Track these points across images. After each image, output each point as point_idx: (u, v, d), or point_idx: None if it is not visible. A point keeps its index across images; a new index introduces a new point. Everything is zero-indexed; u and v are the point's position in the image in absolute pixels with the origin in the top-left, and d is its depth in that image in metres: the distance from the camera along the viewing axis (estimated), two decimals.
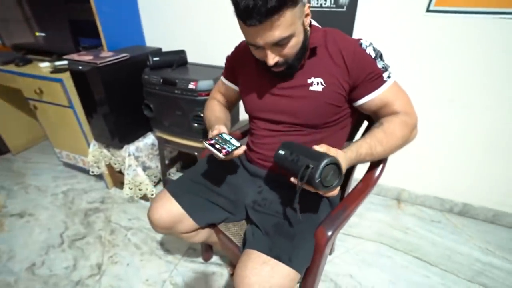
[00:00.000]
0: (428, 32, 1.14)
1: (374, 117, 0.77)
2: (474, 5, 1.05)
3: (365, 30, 1.23)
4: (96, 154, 1.51)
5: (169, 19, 1.58)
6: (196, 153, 1.36)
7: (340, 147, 0.85)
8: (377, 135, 0.69)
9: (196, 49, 1.48)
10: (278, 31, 0.59)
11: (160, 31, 1.64)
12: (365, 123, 0.93)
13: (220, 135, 0.76)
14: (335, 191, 0.60)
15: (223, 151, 0.69)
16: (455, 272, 1.21)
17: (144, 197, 1.55)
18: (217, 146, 0.71)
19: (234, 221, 0.88)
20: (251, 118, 0.88)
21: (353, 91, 0.72)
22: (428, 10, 1.11)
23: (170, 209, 0.80)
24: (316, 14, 1.27)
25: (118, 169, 1.53)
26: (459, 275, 1.20)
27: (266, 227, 0.69)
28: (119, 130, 1.34)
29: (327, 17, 1.25)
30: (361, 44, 0.70)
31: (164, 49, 1.50)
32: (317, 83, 0.71)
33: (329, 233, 0.66)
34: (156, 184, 1.64)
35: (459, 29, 1.10)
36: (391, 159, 0.79)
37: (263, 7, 0.54)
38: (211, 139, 0.73)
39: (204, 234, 0.91)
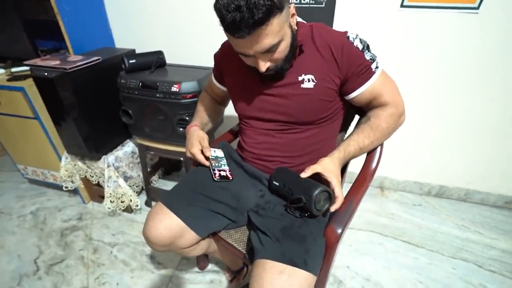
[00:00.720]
0: (403, 25, 1.20)
1: (365, 109, 0.80)
2: (440, 1, 1.13)
3: (344, 25, 1.26)
4: (69, 168, 1.38)
5: (141, 18, 1.49)
6: (181, 158, 1.29)
7: (333, 140, 0.86)
8: (364, 131, 0.73)
9: (174, 50, 1.41)
10: (267, 40, 0.59)
11: (131, 31, 1.53)
12: (357, 117, 0.95)
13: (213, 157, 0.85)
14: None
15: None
16: (440, 251, 1.29)
17: (127, 209, 1.45)
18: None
19: (236, 227, 0.85)
20: (242, 118, 0.85)
21: (344, 84, 0.73)
22: (402, 6, 1.16)
23: (169, 224, 0.74)
24: (296, 10, 1.26)
25: (95, 182, 1.42)
26: (443, 253, 1.28)
27: (274, 232, 0.67)
28: (95, 140, 1.23)
29: (307, 13, 1.26)
30: (348, 37, 0.70)
31: (138, 51, 1.41)
32: (308, 80, 0.71)
33: (339, 231, 0.65)
34: (138, 193, 1.55)
35: (429, 22, 1.17)
36: None
37: (250, 19, 0.53)
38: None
39: (204, 245, 0.87)
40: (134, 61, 1.17)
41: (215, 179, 0.81)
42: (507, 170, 1.43)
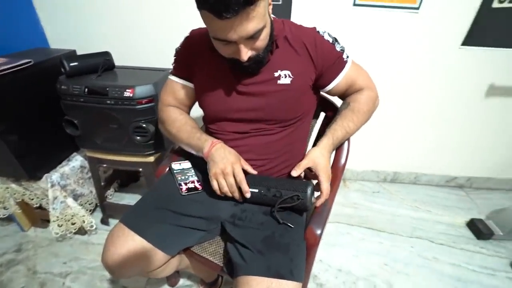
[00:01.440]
0: (356, 22, 1.26)
1: (341, 98, 0.82)
2: (387, 1, 1.21)
3: (301, 22, 1.27)
4: (0, 192, 1.16)
5: (81, 15, 1.32)
6: (140, 169, 1.18)
7: (305, 141, 0.86)
8: (347, 116, 0.75)
9: (122, 50, 1.27)
10: (253, 23, 0.54)
11: (69, 29, 1.35)
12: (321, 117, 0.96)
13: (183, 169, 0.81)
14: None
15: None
16: (399, 232, 1.41)
17: (80, 231, 1.28)
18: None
19: (209, 239, 0.79)
20: (214, 121, 0.79)
21: (319, 78, 0.74)
22: (354, 4, 1.22)
23: (133, 247, 0.65)
24: None
25: (37, 205, 1.22)
26: (402, 234, 1.40)
27: (255, 244, 0.64)
28: (33, 158, 1.05)
29: None
30: (318, 32, 0.72)
31: (79, 52, 1.24)
32: (285, 76, 0.70)
33: (319, 232, 0.65)
34: (92, 211, 1.38)
35: (379, 19, 1.25)
36: None
37: (236, 1, 0.48)
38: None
39: (174, 263, 0.80)
40: (76, 63, 1.03)
41: (183, 193, 0.75)
42: (446, 153, 1.62)
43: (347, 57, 0.75)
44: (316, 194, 0.72)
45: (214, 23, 0.54)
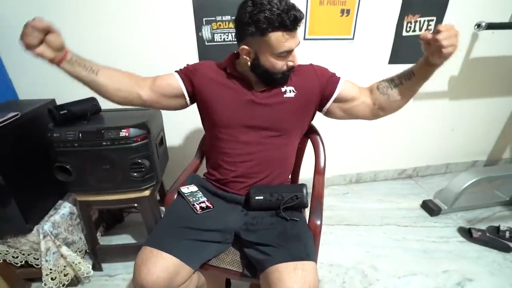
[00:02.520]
0: (307, 51, 1.53)
1: (356, 100, 0.92)
2: (328, 35, 1.51)
3: None
4: None
5: (50, 66, 1.35)
6: (135, 204, 1.22)
7: (293, 156, 1.02)
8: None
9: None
10: (298, 39, 0.80)
11: (42, 80, 1.37)
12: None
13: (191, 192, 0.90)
14: None
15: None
16: (372, 223, 1.63)
17: (72, 283, 1.22)
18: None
19: (223, 250, 0.88)
20: (226, 128, 0.89)
21: (324, 92, 0.91)
22: (304, 38, 1.49)
23: (165, 264, 0.72)
24: (220, 47, 1.43)
25: (20, 263, 1.15)
26: (375, 224, 1.62)
27: (272, 239, 0.76)
28: (23, 211, 1.03)
29: (231, 50, 1.43)
30: (312, 64, 0.95)
31: (58, 101, 1.27)
32: (290, 91, 0.88)
33: (318, 222, 0.81)
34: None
35: (324, 48, 1.55)
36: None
37: (302, 16, 0.74)
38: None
39: (195, 278, 0.86)
40: (65, 111, 1.07)
41: (198, 212, 0.85)
42: (394, 150, 1.95)
43: (339, 76, 0.93)
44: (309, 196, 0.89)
45: (284, 38, 0.74)
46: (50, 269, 1.11)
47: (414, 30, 1.56)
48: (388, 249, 1.45)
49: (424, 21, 1.55)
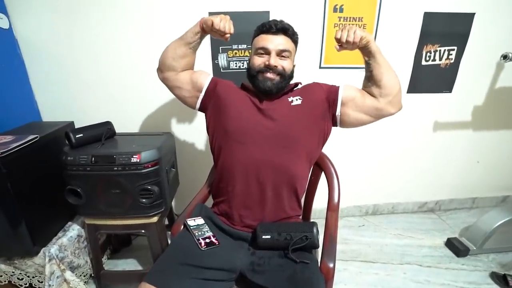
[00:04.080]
0: (322, 80, 1.49)
1: (360, 98, 0.94)
2: (344, 63, 1.50)
3: None
4: None
5: (74, 87, 1.42)
6: (143, 231, 1.20)
7: (301, 178, 0.97)
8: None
9: (119, 119, 1.36)
10: (284, 45, 0.91)
11: (62, 102, 1.43)
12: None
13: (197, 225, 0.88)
14: None
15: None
16: (390, 261, 1.51)
17: None
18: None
19: (230, 287, 0.83)
20: (232, 137, 0.90)
21: (330, 102, 0.94)
22: (320, 67, 1.49)
23: None
24: (235, 74, 1.45)
25: (25, 285, 1.14)
26: (393, 262, 1.50)
27: (280, 284, 0.71)
28: (32, 233, 1.03)
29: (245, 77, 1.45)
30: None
31: (76, 124, 1.31)
32: (296, 99, 0.94)
33: (331, 265, 0.74)
34: (85, 283, 1.30)
35: (339, 77, 1.52)
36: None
37: (280, 24, 0.91)
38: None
39: None
40: (81, 135, 1.10)
41: (202, 248, 0.81)
42: (415, 182, 1.84)
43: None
44: (321, 234, 0.83)
45: (262, 38, 0.92)
46: None
47: (434, 60, 1.52)
48: None
49: (445, 50, 1.52)
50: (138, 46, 1.37)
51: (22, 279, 1.13)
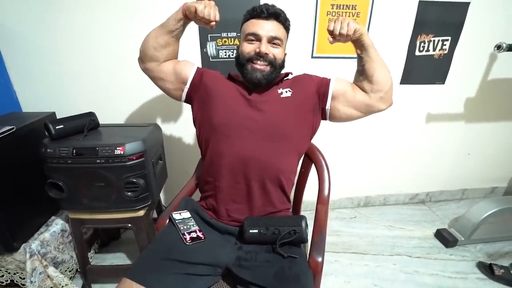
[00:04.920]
0: (314, 70, 1.46)
1: (351, 93, 0.92)
2: (337, 53, 1.47)
3: None
4: None
5: (56, 77, 1.35)
6: (129, 224, 1.16)
7: (294, 171, 0.95)
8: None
9: (102, 108, 1.31)
10: (275, 32, 0.86)
11: (43, 93, 1.36)
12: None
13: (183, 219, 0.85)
14: None
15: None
16: (381, 252, 1.52)
17: None
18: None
19: (214, 282, 0.80)
20: (219, 130, 0.86)
21: (321, 95, 0.91)
22: (312, 57, 1.45)
23: None
24: (225, 63, 1.40)
25: (5, 282, 1.10)
26: (384, 254, 1.51)
27: (268, 280, 0.68)
28: (11, 228, 0.99)
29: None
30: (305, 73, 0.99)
31: (58, 114, 1.25)
32: (286, 91, 0.91)
33: (320, 259, 0.73)
34: (71, 278, 1.27)
35: (331, 67, 1.49)
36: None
37: (272, 9, 0.86)
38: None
39: None
40: (61, 126, 1.04)
41: (187, 243, 0.78)
42: (406, 174, 1.84)
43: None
44: (310, 227, 0.80)
45: (251, 23, 0.87)
46: None
47: (427, 50, 1.50)
48: (398, 283, 1.33)
49: (439, 40, 1.49)
50: (122, 31, 1.30)
51: (2, 275, 1.09)
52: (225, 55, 1.40)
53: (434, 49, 1.49)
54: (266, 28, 0.85)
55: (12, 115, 1.23)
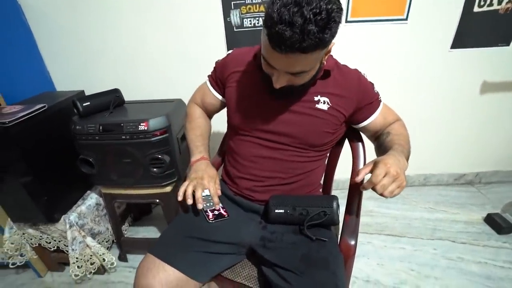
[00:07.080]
0: (350, 37, 1.33)
1: (374, 135, 0.83)
2: (376, 15, 1.29)
3: None
4: (16, 239, 1.15)
5: (85, 57, 1.37)
6: (157, 200, 1.18)
7: (322, 170, 0.87)
8: (395, 141, 0.74)
9: (128, 86, 1.31)
10: (298, 66, 0.58)
11: (74, 71, 1.40)
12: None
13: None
14: None
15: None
16: (419, 236, 1.40)
17: (99, 271, 1.25)
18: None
19: (238, 261, 0.78)
20: (238, 132, 0.80)
21: (356, 113, 0.77)
22: (346, 21, 1.29)
23: (166, 278, 0.65)
24: (250, 33, 1.30)
25: (53, 248, 1.20)
26: (423, 237, 1.39)
27: (294, 264, 0.64)
28: (50, 201, 1.05)
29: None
30: (360, 73, 0.77)
31: (87, 92, 1.28)
32: (323, 102, 0.73)
33: (353, 242, 0.66)
34: (108, 249, 1.35)
35: (370, 32, 1.33)
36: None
37: (297, 43, 0.50)
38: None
39: None
40: (88, 103, 1.05)
41: (210, 220, 0.76)
42: (451, 152, 1.65)
43: (380, 99, 0.79)
44: (342, 207, 0.73)
45: (267, 47, 0.56)
46: (77, 258, 1.14)
47: (491, 4, 1.25)
48: (439, 269, 1.22)
49: None
50: (145, 9, 1.26)
51: (50, 242, 1.19)
52: (250, 23, 1.30)
53: (499, 2, 1.24)
54: (282, 63, 0.58)
55: (47, 94, 1.27)
